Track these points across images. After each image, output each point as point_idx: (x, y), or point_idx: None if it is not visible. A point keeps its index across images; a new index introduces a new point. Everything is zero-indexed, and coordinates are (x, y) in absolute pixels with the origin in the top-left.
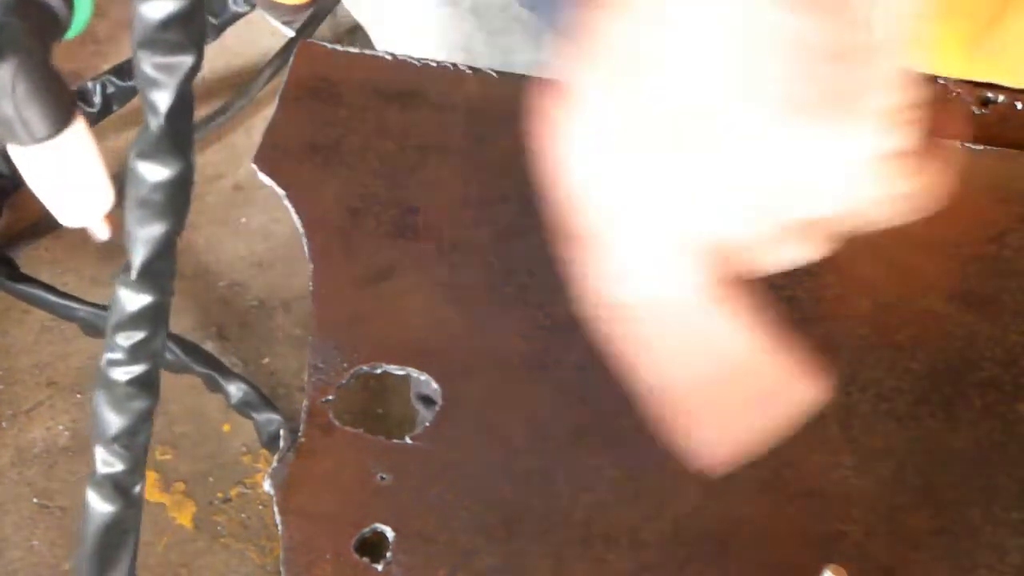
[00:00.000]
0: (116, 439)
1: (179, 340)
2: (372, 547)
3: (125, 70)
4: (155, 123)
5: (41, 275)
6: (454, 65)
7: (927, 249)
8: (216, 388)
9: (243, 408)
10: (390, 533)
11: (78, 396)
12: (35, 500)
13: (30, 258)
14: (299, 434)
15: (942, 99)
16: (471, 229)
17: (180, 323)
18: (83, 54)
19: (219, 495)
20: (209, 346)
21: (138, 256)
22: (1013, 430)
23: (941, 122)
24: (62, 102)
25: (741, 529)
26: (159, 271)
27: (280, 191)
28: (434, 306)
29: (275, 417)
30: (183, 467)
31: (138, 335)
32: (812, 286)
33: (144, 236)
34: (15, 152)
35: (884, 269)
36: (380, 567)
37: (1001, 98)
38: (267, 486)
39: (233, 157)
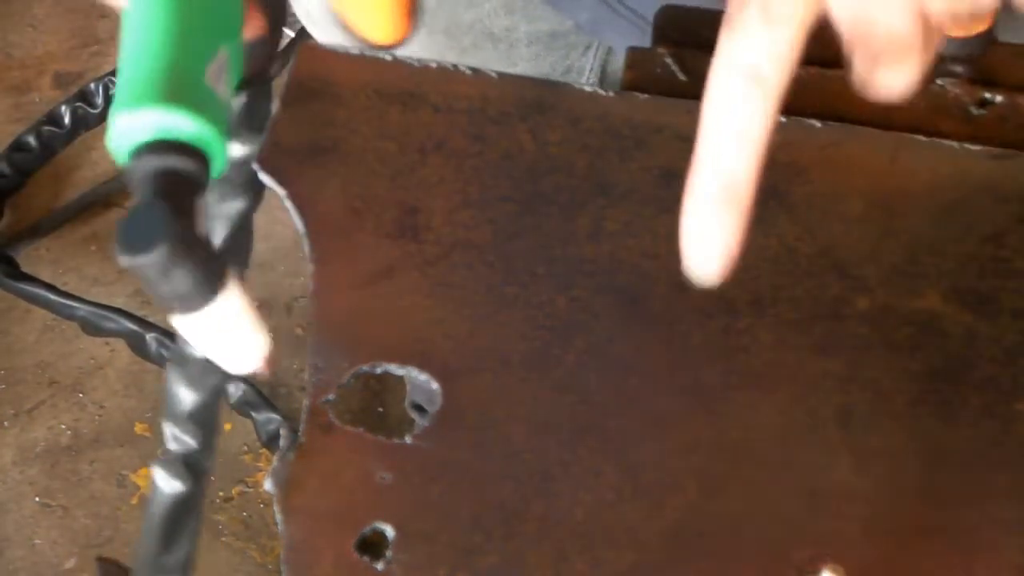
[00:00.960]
0: (191, 416)
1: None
2: (372, 546)
3: None
4: (235, 102)
5: (42, 274)
6: (454, 66)
7: (925, 249)
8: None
9: (243, 407)
10: (390, 532)
11: (80, 395)
12: (37, 499)
13: (31, 258)
14: (300, 433)
15: (940, 99)
16: (471, 229)
17: None
18: (84, 55)
19: (220, 494)
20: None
21: (218, 233)
22: (1011, 429)
23: (937, 122)
24: (213, 271)
25: (740, 529)
26: (240, 246)
27: (280, 191)
28: (434, 306)
29: (275, 416)
30: None
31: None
32: (811, 286)
33: (224, 212)
34: (176, 319)
35: (882, 269)
36: (380, 566)
37: (999, 98)
38: (268, 485)
39: None
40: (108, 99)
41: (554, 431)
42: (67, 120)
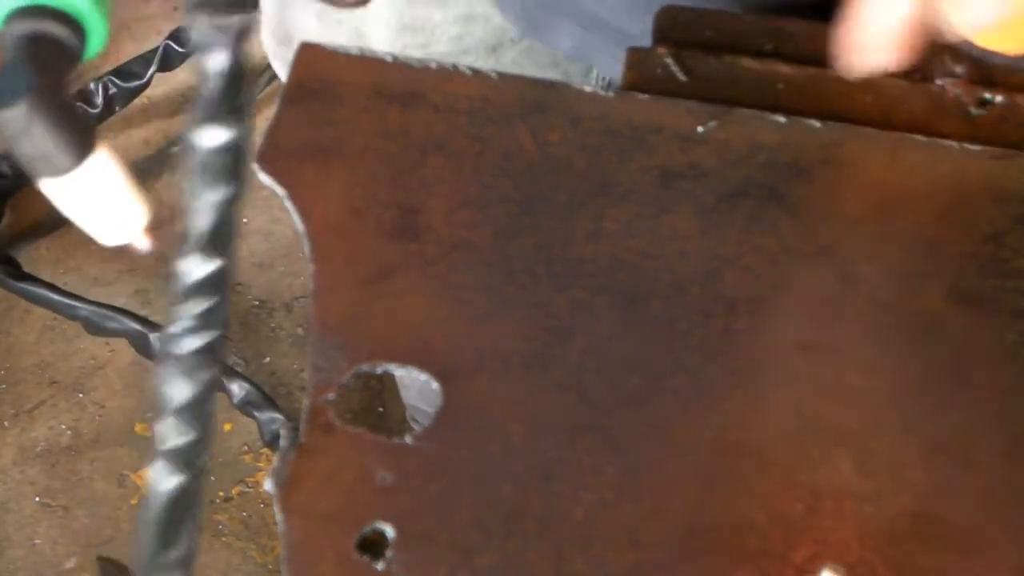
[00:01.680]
0: (182, 411)
1: None
2: (372, 546)
3: (126, 71)
4: (210, 87)
5: (43, 274)
6: (454, 66)
7: (925, 249)
8: (218, 388)
9: (245, 407)
10: (391, 532)
11: (80, 395)
12: (37, 499)
13: (32, 257)
14: (300, 433)
15: (940, 99)
16: (471, 229)
17: None
18: None
19: (220, 494)
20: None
21: (202, 223)
22: (1011, 429)
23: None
24: (80, 133)
25: (740, 529)
26: (224, 235)
27: (281, 191)
28: (434, 306)
29: (277, 416)
30: None
31: (206, 302)
32: (811, 286)
33: (207, 201)
34: (44, 185)
35: (882, 269)
36: (380, 566)
37: (999, 98)
38: (268, 485)
39: None
40: (107, 98)
41: (554, 431)
42: None
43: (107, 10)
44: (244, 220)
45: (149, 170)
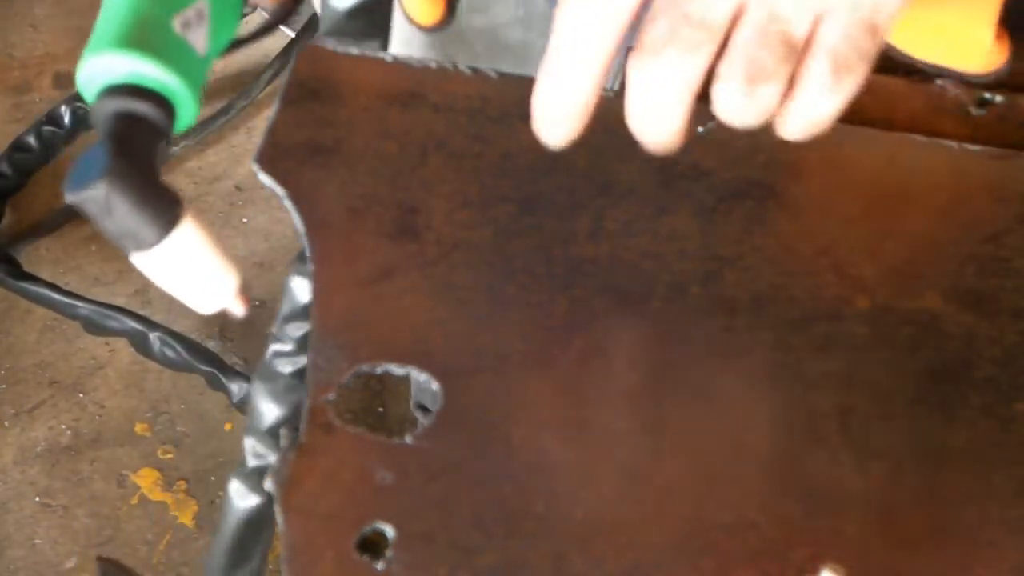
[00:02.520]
0: (271, 430)
1: (182, 339)
2: (373, 546)
3: None
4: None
5: (43, 274)
6: (454, 65)
7: (925, 249)
8: (218, 386)
9: (245, 406)
10: (391, 532)
11: (80, 395)
12: (37, 499)
13: (32, 257)
14: (300, 433)
15: (940, 99)
16: (471, 229)
17: (181, 323)
18: None
19: (221, 494)
20: (211, 345)
21: None
22: (1011, 429)
23: (937, 122)
24: (163, 209)
25: (740, 528)
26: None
27: (281, 191)
28: (434, 306)
29: None
30: (185, 466)
31: (306, 327)
32: (811, 286)
33: None
34: (134, 258)
35: (882, 269)
36: (380, 566)
37: (999, 98)
38: (268, 485)
39: (234, 158)
40: None
41: (554, 431)
42: (67, 120)
43: (198, 88)
44: (244, 220)
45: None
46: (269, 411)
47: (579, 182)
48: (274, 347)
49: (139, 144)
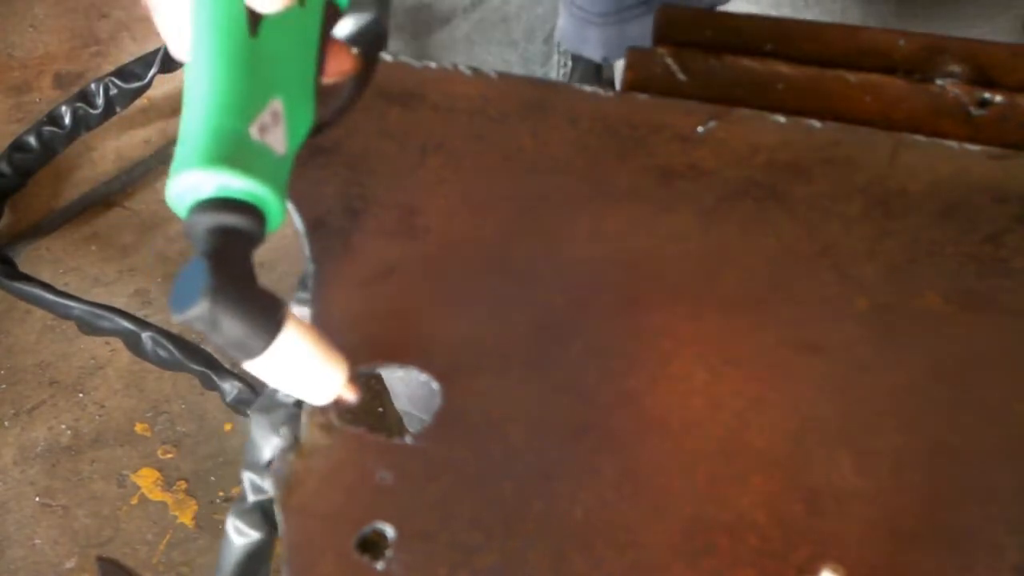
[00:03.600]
0: (269, 465)
1: (176, 339)
2: (372, 546)
3: (127, 72)
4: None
5: (43, 274)
6: (454, 66)
7: (925, 249)
8: (211, 386)
9: (238, 406)
10: (391, 531)
11: (80, 395)
12: (37, 499)
13: (31, 258)
14: (300, 433)
15: (940, 99)
16: (471, 229)
17: None
18: (84, 55)
19: (220, 494)
20: (208, 346)
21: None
22: (1011, 430)
23: (937, 122)
24: (266, 318)
25: (740, 528)
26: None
27: None
28: (434, 306)
29: None
30: (185, 466)
31: None
32: (811, 286)
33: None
34: (246, 365)
35: (882, 269)
36: (380, 565)
37: (998, 98)
38: (268, 485)
39: None
40: (108, 99)
41: (554, 431)
42: (67, 120)
43: (283, 188)
44: None
45: (149, 170)
46: (268, 444)
47: (579, 182)
48: None
49: (236, 255)
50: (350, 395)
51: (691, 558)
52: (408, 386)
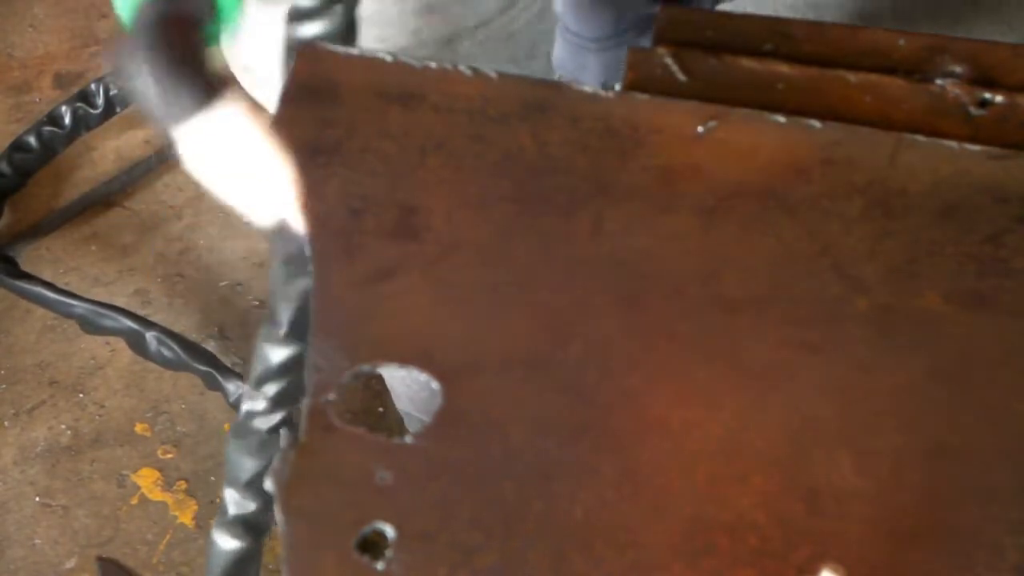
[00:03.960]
0: (250, 483)
1: (179, 339)
2: (372, 546)
3: None
4: None
5: (43, 274)
6: (454, 66)
7: (926, 249)
8: (215, 386)
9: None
10: (391, 531)
11: (80, 395)
12: (37, 499)
13: (32, 257)
14: (300, 433)
15: (940, 99)
16: (471, 229)
17: (181, 323)
18: (84, 55)
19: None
20: (211, 345)
21: (285, 312)
22: (1011, 429)
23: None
24: (203, 75)
25: (740, 528)
26: (304, 323)
27: None
28: (434, 306)
29: None
30: (185, 466)
31: (282, 384)
32: (811, 286)
33: (291, 292)
34: (184, 160)
35: (882, 269)
36: (381, 566)
37: (999, 99)
38: (268, 485)
39: None
40: (108, 99)
41: (554, 431)
42: (67, 120)
43: None
44: (244, 220)
45: (149, 170)
46: (247, 465)
47: (579, 182)
48: (247, 406)
49: (183, 28)
50: (297, 220)
51: (691, 558)
52: (408, 386)
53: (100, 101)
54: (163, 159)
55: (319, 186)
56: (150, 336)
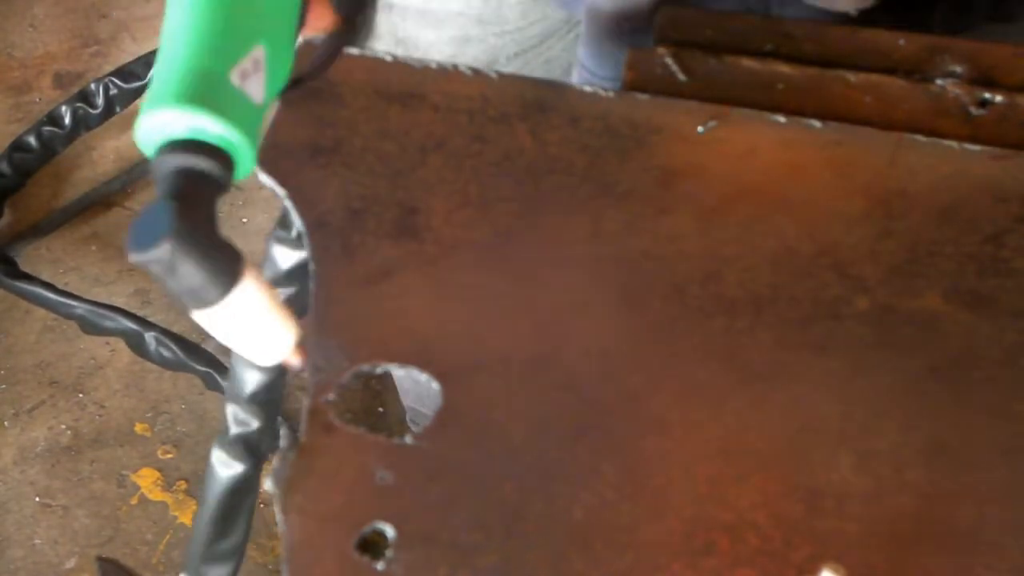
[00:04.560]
0: (253, 397)
1: (178, 339)
2: (373, 546)
3: (127, 72)
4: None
5: (43, 274)
6: (454, 66)
7: (926, 249)
8: (215, 386)
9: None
10: (391, 532)
11: (80, 395)
12: (37, 499)
13: (32, 258)
14: (300, 433)
15: (940, 99)
16: (471, 229)
17: (182, 323)
18: (84, 55)
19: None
20: (211, 345)
21: (296, 216)
22: (1011, 429)
23: (937, 122)
24: (225, 267)
25: (740, 528)
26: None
27: (281, 192)
28: (434, 306)
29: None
30: (185, 466)
31: (290, 291)
32: (811, 286)
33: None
34: (195, 315)
35: (882, 269)
36: (381, 566)
37: (999, 98)
38: (268, 485)
39: None
40: (108, 99)
41: (554, 431)
42: (67, 120)
43: (256, 137)
44: (244, 220)
45: (150, 170)
46: (250, 377)
47: (579, 182)
48: None
49: (201, 200)
50: (296, 361)
51: (691, 558)
52: (416, 382)
53: (100, 101)
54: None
55: (319, 186)
56: (149, 337)
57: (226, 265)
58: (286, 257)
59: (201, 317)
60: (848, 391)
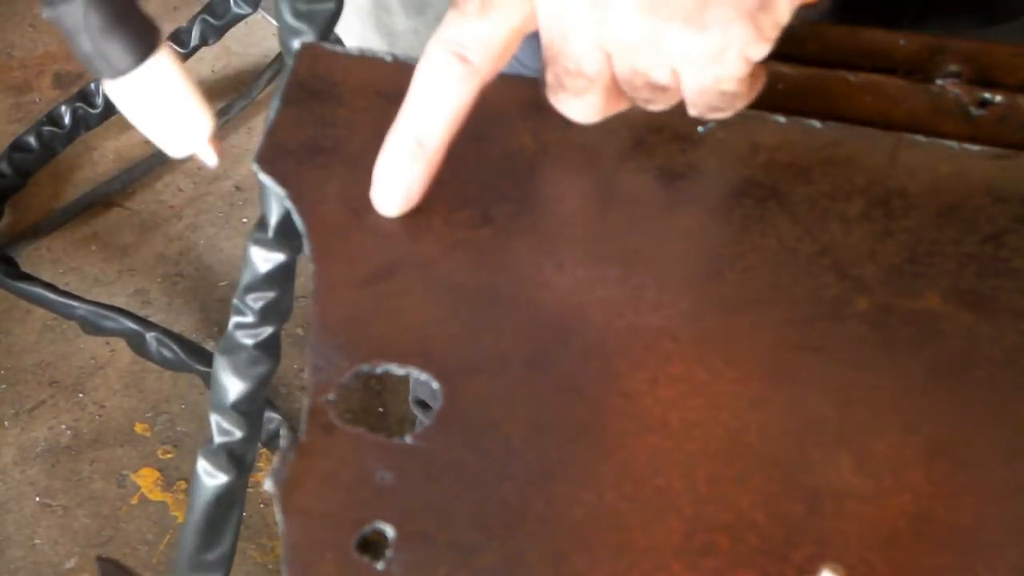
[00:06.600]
0: (235, 405)
1: (180, 339)
2: (372, 546)
3: None
4: None
5: (43, 274)
6: None
7: (926, 249)
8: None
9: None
10: (391, 532)
11: (80, 395)
12: (37, 499)
13: (32, 258)
14: (300, 433)
15: (940, 99)
16: (471, 229)
17: (181, 323)
18: None
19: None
20: (211, 345)
21: (274, 214)
22: (1011, 429)
23: (937, 122)
24: (140, 35)
25: (740, 528)
26: (293, 229)
27: (280, 192)
28: (434, 306)
29: (275, 416)
30: (185, 466)
31: (270, 295)
32: (811, 286)
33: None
34: (107, 87)
35: (882, 269)
36: (380, 566)
37: (999, 98)
38: (268, 485)
39: (234, 158)
40: (108, 99)
41: (554, 431)
42: (67, 120)
43: None
44: (244, 220)
45: (150, 170)
46: (232, 386)
47: (579, 182)
48: (236, 319)
49: None
50: (210, 155)
51: (691, 558)
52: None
53: (100, 101)
54: (163, 159)
55: (319, 186)
56: (150, 337)
57: (142, 33)
58: (264, 260)
59: (114, 89)
60: (848, 391)
